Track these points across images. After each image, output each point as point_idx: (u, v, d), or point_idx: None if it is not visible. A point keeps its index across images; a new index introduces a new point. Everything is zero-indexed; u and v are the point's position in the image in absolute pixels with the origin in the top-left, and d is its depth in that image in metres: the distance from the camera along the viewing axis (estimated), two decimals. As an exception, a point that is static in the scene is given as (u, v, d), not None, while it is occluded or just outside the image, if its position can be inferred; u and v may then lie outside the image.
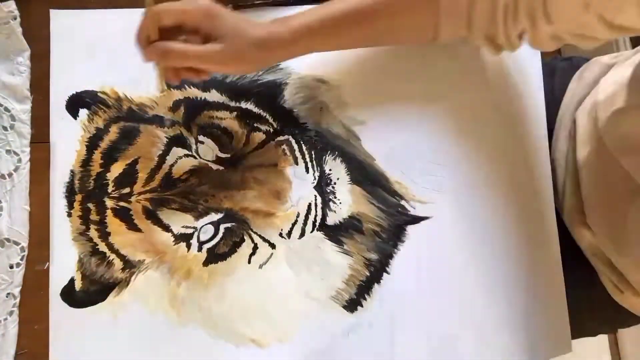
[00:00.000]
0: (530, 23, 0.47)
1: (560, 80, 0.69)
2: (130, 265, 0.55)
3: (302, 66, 0.59)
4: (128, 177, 0.56)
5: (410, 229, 0.58)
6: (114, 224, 0.56)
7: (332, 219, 0.57)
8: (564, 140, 0.65)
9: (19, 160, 0.56)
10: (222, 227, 0.56)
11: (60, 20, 0.58)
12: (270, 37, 0.48)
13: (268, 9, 0.60)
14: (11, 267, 0.55)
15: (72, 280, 0.55)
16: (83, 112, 0.57)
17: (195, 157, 0.57)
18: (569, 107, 0.67)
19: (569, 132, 0.65)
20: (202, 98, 0.58)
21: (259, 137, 0.58)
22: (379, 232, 0.58)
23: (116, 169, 0.56)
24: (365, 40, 0.54)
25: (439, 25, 0.51)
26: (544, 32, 0.48)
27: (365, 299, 0.57)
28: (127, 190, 0.56)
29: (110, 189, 0.56)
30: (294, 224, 0.57)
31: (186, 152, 0.57)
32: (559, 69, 0.70)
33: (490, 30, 0.50)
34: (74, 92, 0.57)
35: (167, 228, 0.56)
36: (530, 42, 0.50)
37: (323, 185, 0.58)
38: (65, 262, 0.55)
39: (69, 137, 0.57)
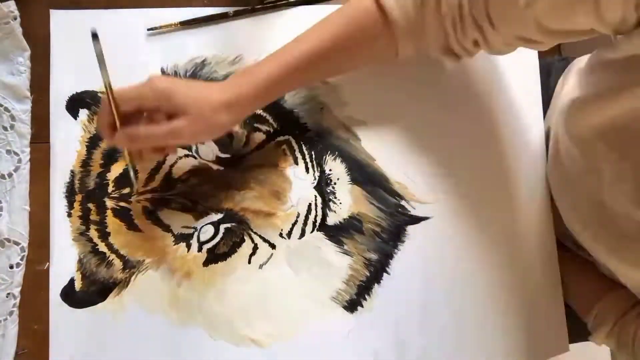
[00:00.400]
0: (478, 32, 0.48)
1: (556, 80, 0.69)
2: (130, 266, 0.55)
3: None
4: (128, 178, 0.56)
5: (410, 229, 0.58)
6: (113, 224, 0.56)
7: (332, 219, 0.57)
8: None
9: (19, 161, 0.56)
10: (222, 228, 0.56)
11: (60, 20, 0.58)
12: (238, 99, 0.48)
13: (284, 9, 0.60)
14: (11, 267, 0.55)
15: (72, 281, 0.55)
16: (83, 112, 0.57)
17: (195, 158, 0.57)
18: (554, 109, 0.67)
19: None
20: (202, 98, 0.58)
21: (259, 137, 0.58)
22: (379, 232, 0.58)
23: (116, 169, 0.56)
24: (329, 74, 0.55)
25: (397, 46, 0.51)
26: (494, 38, 0.48)
27: (365, 299, 0.57)
28: (127, 190, 0.56)
29: (110, 189, 0.56)
30: (294, 224, 0.57)
31: (186, 152, 0.57)
32: (555, 69, 0.71)
33: (444, 42, 0.50)
34: (74, 93, 0.57)
35: (167, 228, 0.56)
36: (485, 49, 0.50)
37: (323, 186, 0.58)
38: (65, 262, 0.55)
39: (69, 137, 0.57)
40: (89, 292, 0.55)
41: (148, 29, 0.58)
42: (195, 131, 0.46)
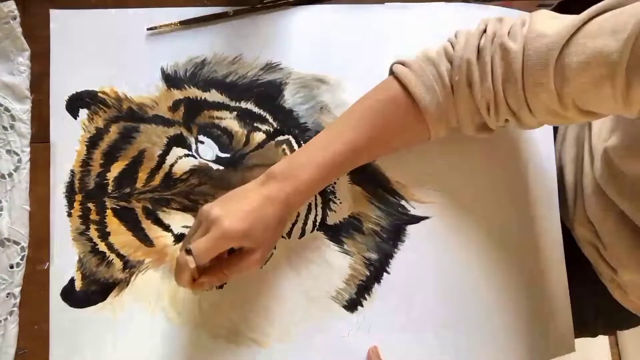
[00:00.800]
0: (512, 115, 0.49)
1: None
2: (130, 265, 0.55)
3: (302, 66, 0.59)
4: (128, 177, 0.56)
5: (410, 229, 0.58)
6: (113, 224, 0.56)
7: (332, 219, 0.57)
8: (572, 144, 0.66)
9: (19, 160, 0.56)
10: (222, 227, 0.56)
11: (60, 20, 0.58)
12: (287, 206, 0.49)
13: (284, 9, 0.60)
14: (11, 267, 0.55)
15: (72, 280, 0.55)
16: (83, 112, 0.57)
17: (195, 157, 0.57)
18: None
19: (575, 138, 0.65)
20: (202, 98, 0.58)
21: (259, 137, 0.58)
22: (379, 232, 0.58)
23: (116, 169, 0.56)
24: (363, 163, 0.55)
25: (431, 131, 0.52)
26: (527, 120, 0.49)
27: (365, 298, 0.57)
28: (127, 190, 0.56)
29: (110, 188, 0.56)
30: (294, 224, 0.57)
31: (186, 152, 0.57)
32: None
33: (478, 122, 0.52)
34: (74, 92, 0.57)
35: (167, 228, 0.56)
36: (516, 126, 0.51)
37: (323, 185, 0.58)
38: (65, 262, 0.55)
39: (69, 137, 0.57)
40: (89, 291, 0.55)
41: (148, 29, 0.58)
42: (263, 259, 0.49)
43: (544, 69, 0.44)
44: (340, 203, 0.58)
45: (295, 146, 0.58)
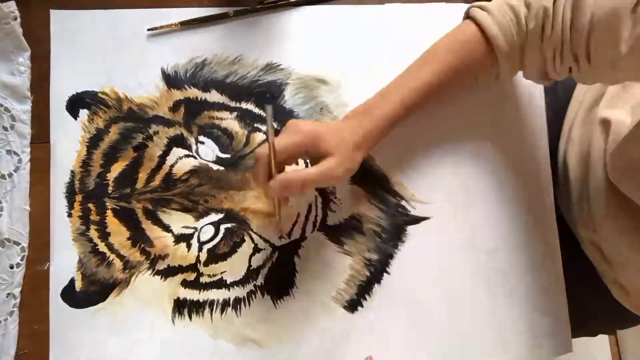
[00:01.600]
0: (575, 63, 0.50)
1: (562, 83, 0.69)
2: (130, 266, 0.55)
3: (302, 66, 0.59)
4: (128, 178, 0.56)
5: (411, 229, 0.58)
6: (113, 224, 0.56)
7: (332, 219, 0.57)
8: (577, 143, 0.66)
9: (19, 161, 0.56)
10: (222, 228, 0.56)
11: (60, 20, 0.58)
12: (365, 139, 0.51)
13: (284, 9, 0.60)
14: (11, 267, 0.55)
15: (72, 281, 0.55)
16: (83, 113, 0.57)
17: (195, 158, 0.57)
18: (577, 111, 0.67)
19: (579, 138, 0.65)
20: (203, 98, 0.58)
21: (259, 137, 0.58)
22: (379, 233, 0.58)
23: (116, 169, 0.56)
24: (438, 102, 0.56)
25: (500, 72, 0.55)
26: (587, 71, 0.50)
27: (365, 299, 0.57)
28: (127, 190, 0.56)
29: (110, 189, 0.56)
30: (294, 224, 0.57)
31: (186, 152, 0.57)
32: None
33: (542, 68, 0.53)
34: (74, 93, 0.57)
35: (167, 228, 0.56)
36: (577, 77, 0.53)
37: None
38: (65, 263, 0.55)
39: (69, 137, 0.57)
40: (89, 292, 0.55)
41: (148, 29, 0.58)
42: (343, 172, 0.49)
43: (615, 20, 0.44)
44: (341, 203, 0.58)
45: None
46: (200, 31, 0.59)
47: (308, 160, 0.57)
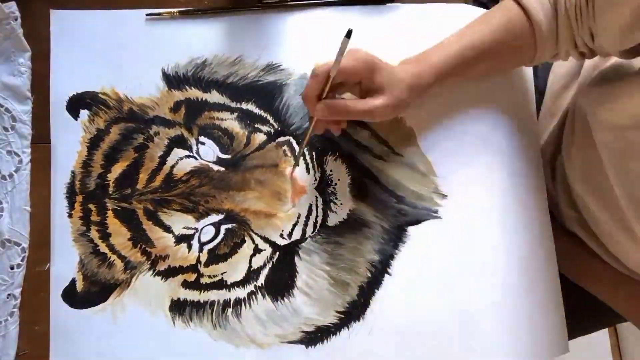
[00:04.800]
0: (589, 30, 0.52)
1: (542, 74, 0.71)
2: (131, 266, 0.55)
3: (302, 66, 0.59)
4: (129, 178, 0.56)
5: (411, 230, 0.58)
6: (114, 225, 0.56)
7: (332, 220, 0.57)
8: (551, 133, 0.68)
9: (20, 161, 0.56)
10: (222, 228, 0.56)
11: (60, 20, 0.58)
12: (417, 82, 0.52)
13: (287, 9, 0.60)
14: (12, 268, 0.55)
15: (73, 281, 0.55)
16: (84, 113, 0.57)
17: (196, 158, 0.57)
18: (547, 102, 0.69)
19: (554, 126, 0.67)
20: (203, 99, 0.58)
21: (259, 138, 0.58)
22: (380, 233, 0.58)
23: (117, 170, 0.56)
24: (482, 73, 0.58)
25: (537, 52, 0.56)
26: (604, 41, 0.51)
27: (366, 300, 0.57)
28: (127, 191, 0.56)
29: (111, 189, 0.56)
30: (294, 225, 0.57)
31: (187, 153, 0.57)
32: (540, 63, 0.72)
33: (572, 39, 0.54)
34: (75, 93, 0.57)
35: (167, 229, 0.56)
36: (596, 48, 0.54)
37: (324, 186, 0.58)
38: (66, 263, 0.55)
39: (69, 138, 0.57)
40: (90, 292, 0.55)
41: (147, 14, 0.58)
42: (388, 111, 0.51)
43: None
44: (341, 204, 0.58)
45: (296, 147, 0.58)
46: (201, 31, 0.59)
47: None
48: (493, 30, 0.54)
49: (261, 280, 0.56)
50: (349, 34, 0.43)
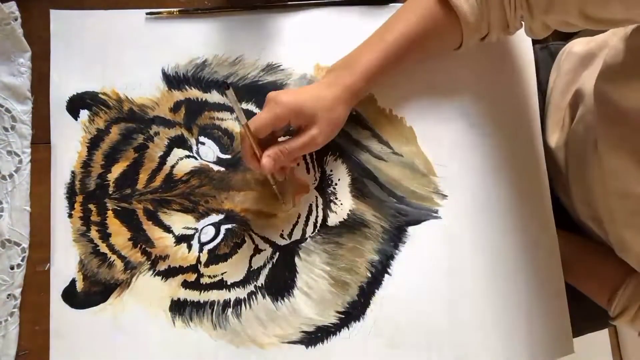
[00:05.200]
0: (527, 10, 0.51)
1: (544, 72, 0.71)
2: (131, 267, 0.55)
3: (302, 67, 0.59)
4: (129, 178, 0.56)
5: (411, 230, 0.58)
6: (114, 225, 0.56)
7: (333, 220, 0.57)
8: (556, 131, 0.67)
9: (20, 161, 0.56)
10: (222, 228, 0.56)
11: (60, 20, 0.58)
12: (346, 91, 0.52)
13: (287, 10, 0.60)
14: (12, 268, 0.55)
15: (73, 281, 0.55)
16: (84, 113, 0.57)
17: (196, 158, 0.57)
18: (553, 98, 0.69)
19: (560, 123, 0.67)
20: (203, 99, 0.58)
21: (259, 138, 0.58)
22: (380, 234, 0.58)
23: (117, 170, 0.56)
24: (412, 62, 0.57)
25: (463, 39, 0.55)
26: (539, 20, 0.51)
27: (366, 300, 0.57)
28: (128, 191, 0.56)
29: (111, 189, 0.56)
30: (294, 225, 0.57)
31: (187, 153, 0.57)
32: (541, 61, 0.73)
33: (504, 20, 0.53)
34: (75, 93, 0.57)
35: (167, 229, 0.56)
36: (527, 28, 0.54)
37: (324, 186, 0.58)
38: (66, 263, 0.55)
39: (69, 138, 0.57)
40: (90, 293, 0.55)
41: (147, 13, 0.58)
42: (327, 135, 0.52)
43: None
44: (341, 204, 0.57)
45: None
46: (201, 31, 0.59)
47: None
48: (413, 25, 0.53)
49: (261, 280, 0.56)
50: (226, 86, 0.42)
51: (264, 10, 0.60)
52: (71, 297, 0.55)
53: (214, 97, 0.58)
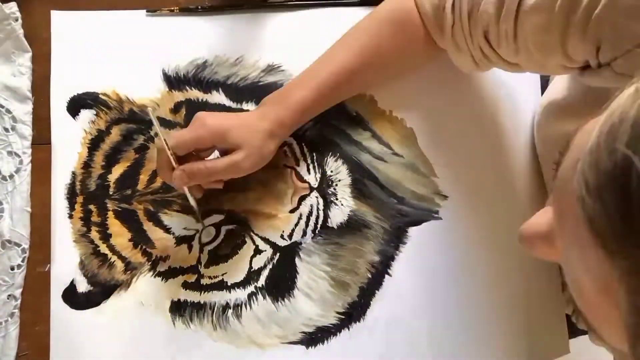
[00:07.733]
0: (484, 42, 0.47)
1: None
2: (131, 267, 0.55)
3: (303, 67, 0.59)
4: (129, 179, 0.56)
5: (412, 231, 0.58)
6: (115, 226, 0.56)
7: (333, 221, 0.57)
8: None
9: (20, 162, 0.56)
10: (223, 229, 0.56)
11: (61, 21, 0.57)
12: (279, 126, 0.50)
13: (288, 10, 0.60)
14: (12, 268, 0.54)
15: (73, 282, 0.55)
16: (84, 113, 0.57)
17: (196, 159, 0.57)
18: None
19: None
20: (204, 100, 0.58)
21: (260, 138, 0.58)
22: (380, 234, 0.58)
23: (117, 171, 0.56)
24: (357, 90, 0.55)
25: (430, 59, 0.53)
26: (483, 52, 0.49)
27: (366, 300, 0.57)
28: (128, 191, 0.56)
29: (111, 190, 0.56)
30: (295, 226, 0.57)
31: (187, 153, 0.57)
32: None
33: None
34: (75, 94, 0.57)
35: (168, 229, 0.56)
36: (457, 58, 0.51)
37: (325, 187, 0.58)
38: (66, 264, 0.55)
39: (70, 139, 0.57)
40: (90, 293, 0.55)
41: (147, 11, 0.58)
42: (253, 163, 0.49)
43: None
44: (342, 205, 0.58)
45: (297, 148, 0.58)
46: (201, 32, 0.59)
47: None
48: (358, 53, 0.51)
49: (262, 281, 0.56)
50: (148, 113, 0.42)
51: (265, 9, 0.60)
52: (71, 297, 0.55)
53: (214, 97, 0.58)
